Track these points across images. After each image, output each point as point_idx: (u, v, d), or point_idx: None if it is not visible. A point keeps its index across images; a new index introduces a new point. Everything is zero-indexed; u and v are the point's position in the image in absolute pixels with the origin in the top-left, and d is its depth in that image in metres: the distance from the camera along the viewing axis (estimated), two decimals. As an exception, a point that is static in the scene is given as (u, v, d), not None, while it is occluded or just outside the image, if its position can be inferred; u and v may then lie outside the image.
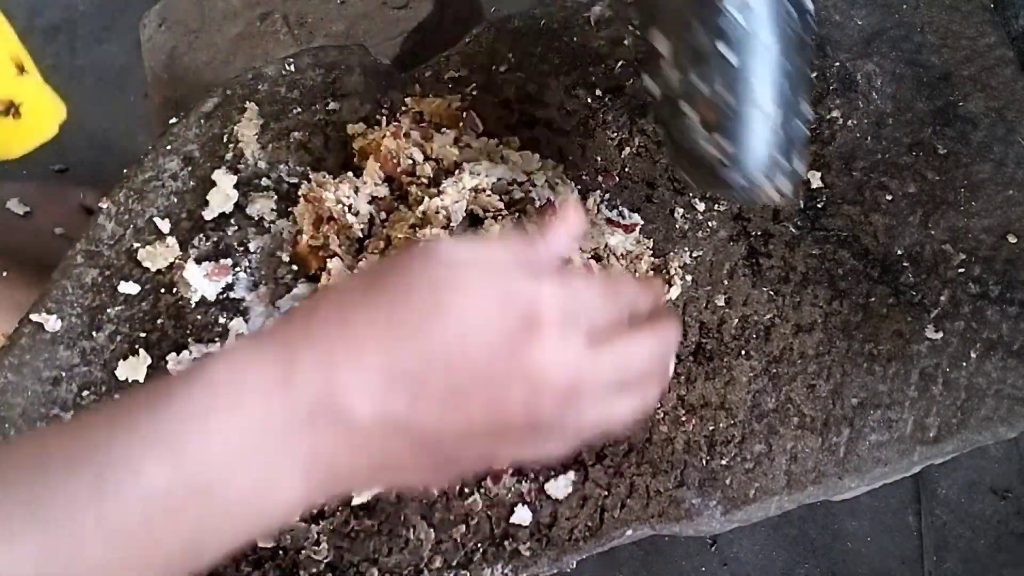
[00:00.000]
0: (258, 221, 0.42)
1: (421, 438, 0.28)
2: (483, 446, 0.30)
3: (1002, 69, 0.44)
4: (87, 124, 1.17)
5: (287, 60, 0.45)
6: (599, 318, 0.32)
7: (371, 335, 0.28)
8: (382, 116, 0.44)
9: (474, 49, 0.46)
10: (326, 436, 0.27)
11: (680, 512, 0.38)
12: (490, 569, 0.38)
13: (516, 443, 0.30)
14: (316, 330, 0.28)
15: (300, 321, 0.29)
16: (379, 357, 0.28)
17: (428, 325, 0.28)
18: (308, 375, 0.27)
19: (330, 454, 0.28)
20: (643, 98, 0.45)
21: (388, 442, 0.28)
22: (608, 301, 0.32)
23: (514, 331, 0.28)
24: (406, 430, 0.28)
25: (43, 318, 0.40)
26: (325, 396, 0.27)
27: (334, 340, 0.28)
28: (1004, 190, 0.42)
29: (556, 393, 0.29)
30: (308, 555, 0.37)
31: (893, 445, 0.39)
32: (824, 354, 0.40)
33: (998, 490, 0.96)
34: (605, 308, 0.32)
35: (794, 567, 0.94)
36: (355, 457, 0.28)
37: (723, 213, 0.43)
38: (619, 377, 0.32)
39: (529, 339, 0.28)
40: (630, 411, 0.32)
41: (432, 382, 0.28)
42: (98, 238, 0.42)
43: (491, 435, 0.29)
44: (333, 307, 0.29)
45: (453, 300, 0.28)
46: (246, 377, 0.27)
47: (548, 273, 0.30)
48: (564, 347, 0.29)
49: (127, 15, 1.21)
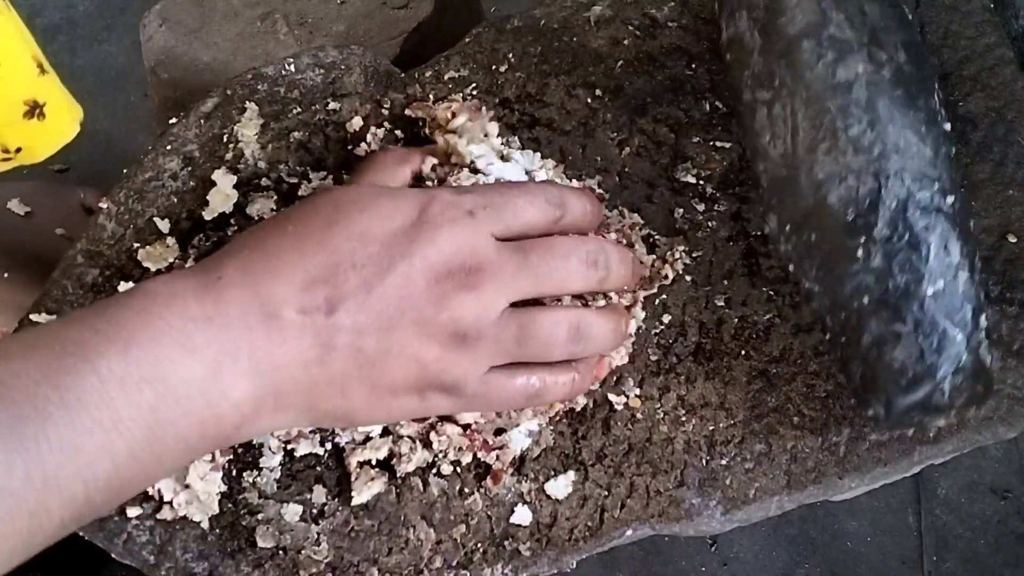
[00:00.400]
0: (258, 221, 0.42)
1: (347, 340, 0.31)
2: (408, 347, 0.32)
3: (1002, 69, 0.44)
4: (87, 124, 1.17)
5: (287, 60, 0.45)
6: (517, 217, 0.34)
7: (284, 247, 0.32)
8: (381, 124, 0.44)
9: (474, 49, 0.46)
10: (258, 332, 0.30)
11: (680, 512, 0.38)
12: (490, 569, 0.38)
13: (442, 345, 0.32)
14: (235, 253, 0.32)
15: (221, 252, 0.33)
16: (292, 264, 0.31)
17: (332, 232, 0.32)
18: (234, 287, 0.31)
19: (265, 350, 0.31)
20: (644, 99, 0.45)
21: (319, 342, 0.31)
22: (524, 199, 0.35)
23: (411, 221, 0.32)
24: (330, 328, 0.31)
25: (43, 318, 0.40)
26: (251, 299, 0.31)
27: (253, 257, 0.32)
28: (1004, 190, 0.42)
29: (457, 271, 0.32)
30: (308, 555, 0.37)
31: (893, 445, 0.39)
32: (824, 354, 0.40)
33: (998, 490, 0.96)
34: (520, 207, 0.35)
35: (794, 567, 0.94)
36: (290, 355, 0.31)
37: (722, 213, 0.43)
38: (535, 279, 0.34)
39: (421, 226, 0.32)
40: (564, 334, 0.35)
41: (342, 278, 0.31)
42: (98, 238, 0.42)
43: (413, 333, 0.32)
44: (249, 236, 0.33)
45: (351, 208, 0.32)
46: (180, 289, 0.31)
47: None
48: (456, 228, 0.32)
49: (127, 15, 1.21)
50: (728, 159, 0.44)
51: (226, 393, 0.30)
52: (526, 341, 0.34)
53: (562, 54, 0.46)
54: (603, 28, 0.47)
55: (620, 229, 0.41)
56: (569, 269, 0.35)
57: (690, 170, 0.44)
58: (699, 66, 0.45)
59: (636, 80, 0.45)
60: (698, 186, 0.43)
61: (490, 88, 0.45)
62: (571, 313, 0.36)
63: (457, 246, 0.32)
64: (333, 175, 0.43)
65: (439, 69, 0.46)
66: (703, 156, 0.44)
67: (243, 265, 0.31)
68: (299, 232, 0.32)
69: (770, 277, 0.42)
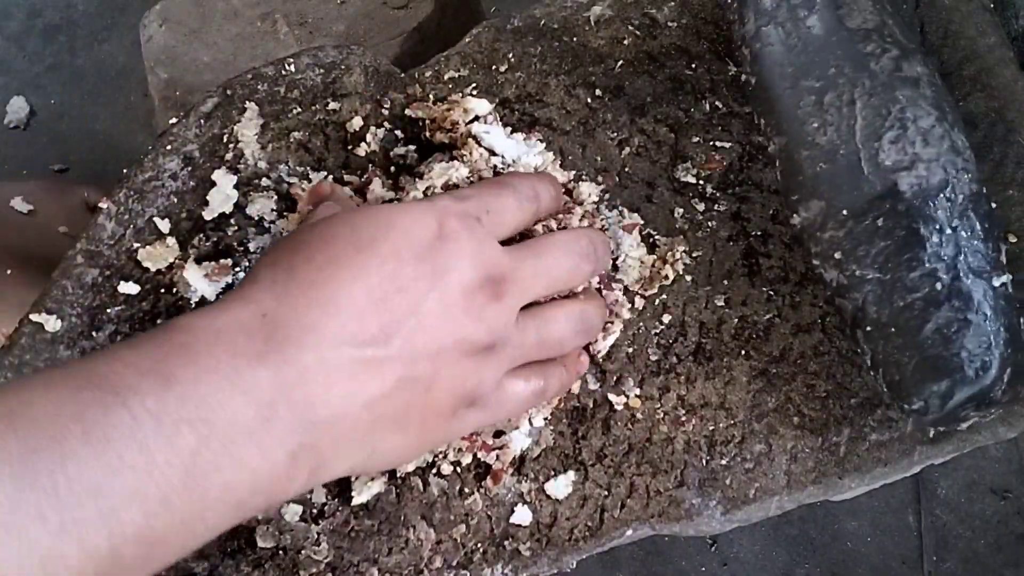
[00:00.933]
0: (258, 221, 0.42)
1: (403, 370, 0.30)
2: (452, 367, 0.31)
3: (1002, 69, 0.44)
4: (87, 124, 1.17)
5: (287, 60, 0.45)
6: (513, 218, 0.35)
7: (321, 278, 0.29)
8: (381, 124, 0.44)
9: (474, 49, 0.46)
10: (313, 371, 0.28)
11: (680, 512, 0.38)
12: (490, 569, 0.38)
13: (475, 359, 0.32)
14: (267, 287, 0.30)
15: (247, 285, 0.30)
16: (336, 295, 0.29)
17: (364, 256, 0.30)
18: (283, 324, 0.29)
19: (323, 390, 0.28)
20: (644, 99, 0.45)
21: (378, 375, 0.29)
22: (512, 198, 0.35)
23: (433, 234, 0.31)
24: (388, 359, 0.29)
25: (43, 318, 0.40)
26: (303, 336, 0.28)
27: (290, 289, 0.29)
28: (1004, 190, 0.42)
29: (487, 284, 0.32)
30: (308, 555, 0.37)
31: (893, 445, 0.39)
32: (824, 354, 0.40)
33: (998, 490, 0.95)
34: (510, 208, 0.35)
35: (794, 567, 0.94)
36: (350, 394, 0.29)
37: (722, 213, 0.43)
38: (548, 281, 0.35)
39: (444, 239, 0.31)
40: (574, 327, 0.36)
41: (392, 304, 0.30)
42: (98, 238, 0.42)
43: (454, 351, 0.31)
44: (273, 268, 0.30)
45: (373, 229, 0.31)
46: (225, 325, 0.28)
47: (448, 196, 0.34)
48: (474, 239, 0.32)
49: (127, 15, 1.21)
50: (728, 159, 0.44)
51: (282, 439, 0.27)
52: (545, 341, 0.35)
53: (562, 54, 0.46)
54: (603, 28, 0.47)
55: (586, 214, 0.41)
56: (573, 267, 0.36)
57: (690, 170, 0.44)
58: (699, 66, 0.45)
59: (636, 80, 0.45)
60: (698, 186, 0.43)
61: (490, 88, 0.45)
62: (574, 306, 0.36)
63: (482, 259, 0.32)
64: (333, 175, 0.43)
65: (439, 69, 0.46)
66: (703, 156, 0.44)
67: (287, 297, 0.29)
68: (330, 260, 0.30)
69: (770, 277, 0.42)
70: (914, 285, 0.35)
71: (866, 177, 0.37)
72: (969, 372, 0.34)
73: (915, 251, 0.36)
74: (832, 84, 0.38)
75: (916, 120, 0.37)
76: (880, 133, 0.37)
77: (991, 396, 0.34)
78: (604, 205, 0.43)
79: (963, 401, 0.35)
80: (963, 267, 0.35)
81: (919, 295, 0.35)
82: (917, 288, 0.35)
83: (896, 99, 0.37)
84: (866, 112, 0.37)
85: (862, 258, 0.37)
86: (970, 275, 0.35)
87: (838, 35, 0.39)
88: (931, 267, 0.35)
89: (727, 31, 0.45)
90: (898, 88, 0.37)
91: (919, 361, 0.35)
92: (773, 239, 0.42)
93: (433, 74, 0.46)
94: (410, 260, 0.30)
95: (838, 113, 0.38)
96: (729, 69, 0.45)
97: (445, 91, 0.45)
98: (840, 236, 0.37)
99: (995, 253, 0.36)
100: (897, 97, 0.37)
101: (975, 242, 0.36)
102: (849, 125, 0.38)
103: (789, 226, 0.42)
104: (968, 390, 0.34)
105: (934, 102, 0.38)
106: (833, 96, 0.38)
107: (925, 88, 0.38)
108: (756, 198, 0.43)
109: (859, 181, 0.37)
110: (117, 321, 0.40)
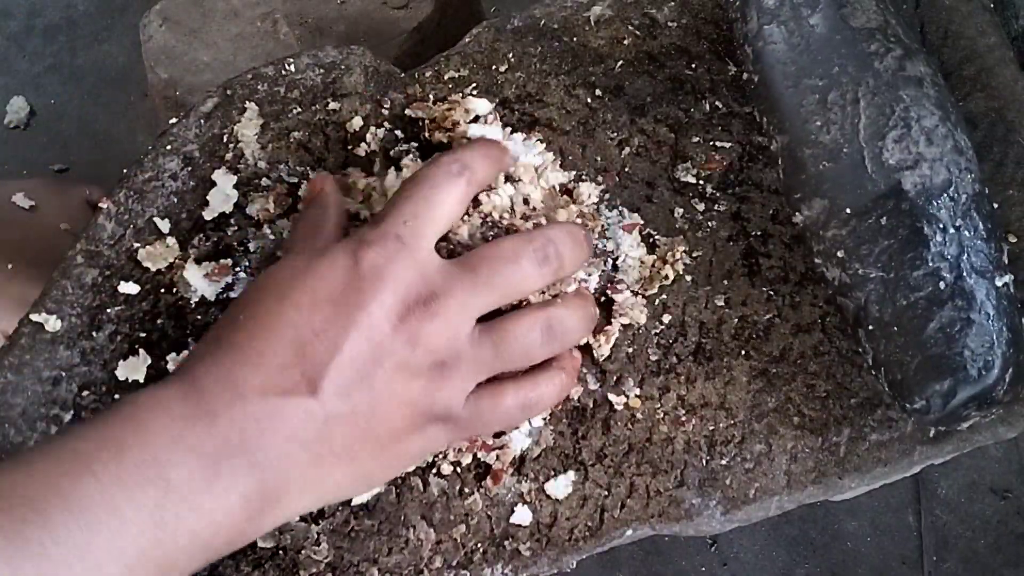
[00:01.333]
0: (258, 221, 0.42)
1: (336, 407, 0.31)
2: (395, 392, 0.32)
3: (1002, 69, 0.44)
4: (87, 124, 1.17)
5: (287, 60, 0.45)
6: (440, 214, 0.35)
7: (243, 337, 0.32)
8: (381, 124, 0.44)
9: (474, 49, 0.46)
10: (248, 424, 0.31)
11: (680, 512, 0.38)
12: (490, 569, 0.38)
13: (426, 378, 0.33)
14: (201, 355, 0.32)
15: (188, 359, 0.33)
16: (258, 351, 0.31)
17: (281, 308, 0.32)
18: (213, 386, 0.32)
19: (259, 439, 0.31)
20: (644, 99, 0.45)
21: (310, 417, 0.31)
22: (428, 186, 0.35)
23: (351, 271, 0.32)
24: (317, 401, 0.31)
25: (43, 318, 0.40)
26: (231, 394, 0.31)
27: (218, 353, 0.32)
28: (1004, 190, 0.42)
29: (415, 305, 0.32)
30: (308, 555, 0.37)
31: (893, 445, 0.39)
32: (824, 354, 0.40)
33: (998, 490, 0.96)
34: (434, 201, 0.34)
35: (794, 567, 0.94)
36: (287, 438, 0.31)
37: (722, 213, 0.43)
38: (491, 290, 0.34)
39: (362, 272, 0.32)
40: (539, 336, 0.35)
41: (310, 349, 0.31)
42: (98, 238, 0.42)
43: (396, 377, 0.32)
44: (208, 337, 0.33)
45: (290, 280, 0.33)
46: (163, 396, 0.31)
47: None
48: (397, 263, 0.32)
49: (127, 15, 1.21)
50: (728, 159, 0.44)
51: (232, 485, 0.30)
52: (503, 353, 0.34)
53: (562, 54, 0.46)
54: (603, 28, 0.47)
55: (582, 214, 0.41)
56: (522, 273, 0.34)
57: (690, 170, 0.44)
58: (699, 66, 0.45)
59: (636, 80, 0.45)
60: (698, 186, 0.43)
61: (490, 88, 0.45)
62: (540, 314, 0.35)
63: (405, 280, 0.32)
64: (333, 175, 0.43)
65: (439, 69, 0.46)
66: (703, 156, 0.44)
67: (213, 363, 0.31)
68: (250, 317, 0.32)
69: (770, 277, 0.42)
70: (917, 284, 0.35)
71: (870, 176, 0.37)
72: (972, 371, 0.34)
73: (918, 250, 0.36)
74: (835, 83, 0.38)
75: (920, 119, 0.37)
76: (884, 132, 0.37)
77: (993, 396, 0.34)
78: (604, 205, 0.43)
79: (965, 400, 0.35)
80: (966, 266, 0.35)
81: (922, 294, 0.35)
82: (920, 287, 0.35)
83: (900, 98, 0.37)
84: (870, 111, 0.37)
85: (865, 257, 0.37)
86: (973, 274, 0.35)
87: (841, 34, 0.39)
88: (934, 266, 0.35)
89: (727, 31, 0.45)
90: (902, 87, 0.38)
91: (921, 360, 0.35)
92: (773, 239, 0.42)
93: (433, 74, 0.46)
94: (325, 304, 0.31)
95: (841, 112, 0.38)
96: (729, 69, 0.45)
97: (445, 91, 0.45)
98: (843, 235, 0.37)
99: (997, 253, 0.36)
100: (901, 96, 0.37)
101: (978, 242, 0.36)
102: (853, 124, 0.38)
103: (789, 226, 0.42)
104: (970, 389, 0.34)
105: (937, 102, 0.38)
106: (836, 95, 0.38)
107: (928, 88, 0.38)
108: (756, 198, 0.43)
109: (863, 180, 0.37)
110: (117, 321, 0.41)
